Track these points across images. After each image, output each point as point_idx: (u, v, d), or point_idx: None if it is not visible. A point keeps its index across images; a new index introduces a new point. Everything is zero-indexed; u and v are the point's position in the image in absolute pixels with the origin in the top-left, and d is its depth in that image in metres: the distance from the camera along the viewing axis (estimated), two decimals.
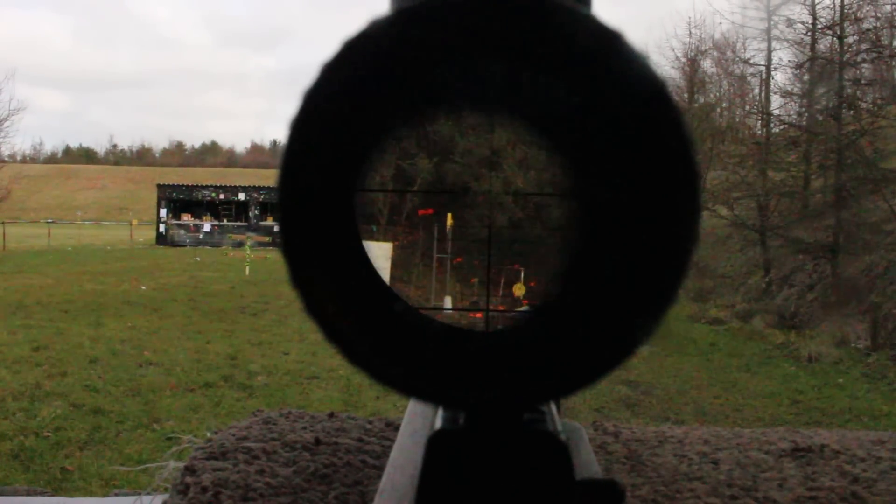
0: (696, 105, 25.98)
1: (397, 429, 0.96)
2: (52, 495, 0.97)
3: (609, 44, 0.30)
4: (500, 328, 0.34)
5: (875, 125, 14.16)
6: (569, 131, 0.31)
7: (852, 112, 15.00)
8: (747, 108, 26.11)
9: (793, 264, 17.62)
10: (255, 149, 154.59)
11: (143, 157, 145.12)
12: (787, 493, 0.76)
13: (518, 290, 14.17)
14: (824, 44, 17.83)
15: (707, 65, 29.85)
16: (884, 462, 0.86)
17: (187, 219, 47.35)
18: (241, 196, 48.42)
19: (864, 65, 16.56)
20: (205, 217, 47.77)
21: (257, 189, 49.64)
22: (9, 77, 65.97)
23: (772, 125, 22.31)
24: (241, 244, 40.42)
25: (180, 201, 47.99)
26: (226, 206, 48.48)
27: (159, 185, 48.62)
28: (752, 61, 24.52)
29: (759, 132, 23.34)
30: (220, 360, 8.90)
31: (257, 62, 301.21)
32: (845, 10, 16.20)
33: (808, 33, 17.79)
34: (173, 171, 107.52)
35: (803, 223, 18.43)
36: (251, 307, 14.23)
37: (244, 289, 17.73)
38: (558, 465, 0.37)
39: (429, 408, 0.58)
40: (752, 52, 24.77)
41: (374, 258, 0.34)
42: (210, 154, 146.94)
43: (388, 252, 16.24)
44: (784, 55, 25.22)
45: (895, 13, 17.02)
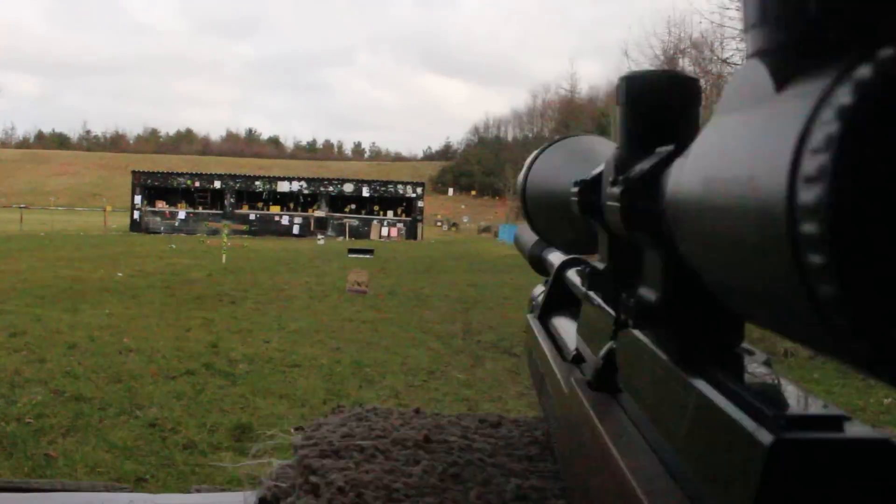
0: None
1: (494, 425, 0.95)
2: (131, 491, 0.94)
3: None
4: None
5: None
6: None
7: None
8: None
9: None
10: (231, 137, 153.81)
11: (116, 143, 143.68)
12: None
13: None
14: None
15: (685, 63, 30.06)
16: None
17: (162, 206, 46.96)
18: (217, 184, 48.12)
19: None
20: (180, 205, 47.41)
21: (233, 177, 49.36)
22: None
23: None
24: (215, 232, 40.20)
25: (155, 188, 47.62)
26: (201, 194, 48.15)
27: (134, 172, 48.17)
28: (730, 61, 24.73)
29: None
30: (201, 348, 8.84)
31: (233, 50, 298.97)
32: None
33: None
34: (148, 157, 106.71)
35: None
36: (229, 295, 14.15)
37: (221, 277, 17.63)
38: None
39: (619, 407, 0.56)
40: (730, 51, 25.00)
41: None
42: (185, 141, 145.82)
43: None
44: None
45: None
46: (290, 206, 48.40)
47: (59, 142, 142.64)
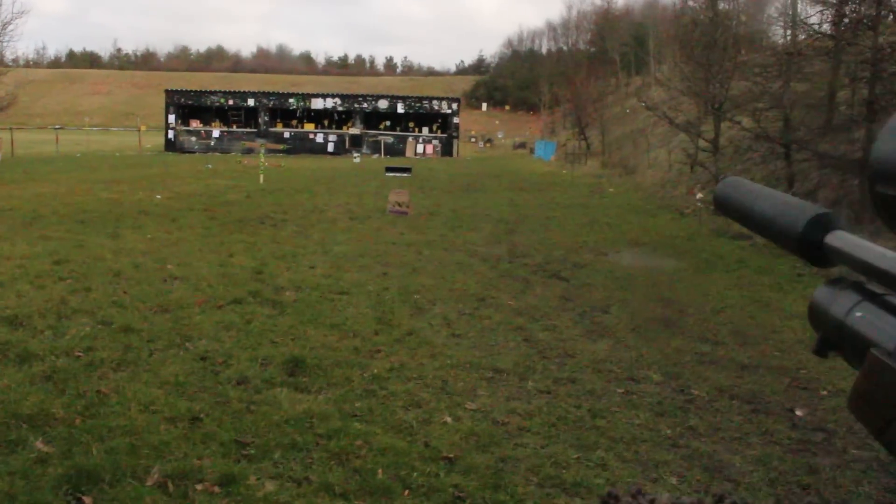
0: (720, 11, 25.14)
1: None
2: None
3: None
4: None
5: None
6: None
7: (891, 18, 14.35)
8: (772, 14, 25.20)
9: (817, 179, 17.22)
10: (261, 53, 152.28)
11: (148, 61, 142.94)
12: None
13: None
14: None
15: None
16: None
17: (196, 125, 46.76)
18: (251, 102, 47.73)
19: None
20: (214, 123, 47.19)
21: (266, 95, 48.92)
22: None
23: (798, 33, 21.57)
24: (250, 151, 39.97)
25: (188, 107, 47.37)
26: (235, 112, 47.83)
27: (167, 91, 47.88)
28: None
29: (785, 40, 22.62)
30: (246, 275, 8.69)
31: None
32: None
33: None
34: (179, 76, 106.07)
35: (828, 137, 17.94)
36: (270, 218, 13.99)
37: (260, 198, 17.48)
38: None
39: None
40: None
41: None
42: (216, 59, 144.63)
43: None
44: None
45: None
46: (325, 123, 47.97)
47: (90, 61, 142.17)
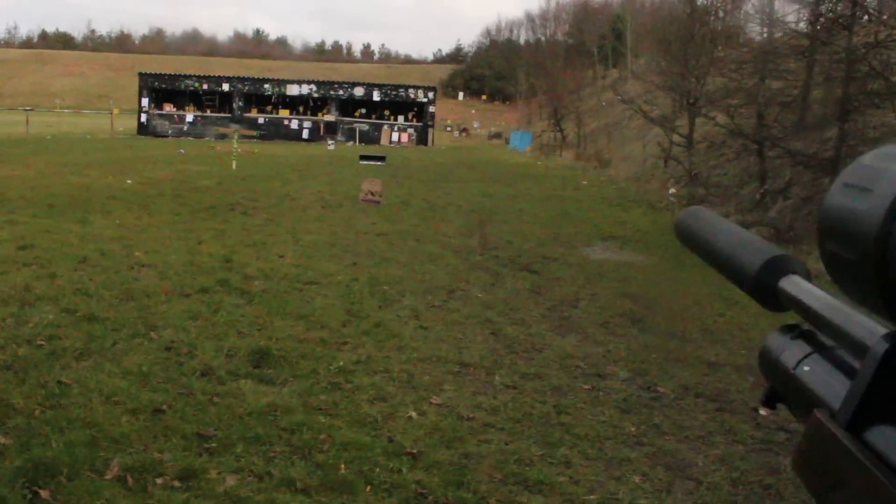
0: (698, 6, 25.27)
1: None
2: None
3: None
4: None
5: (889, 37, 13.66)
6: None
7: (866, 19, 14.47)
8: (749, 11, 25.36)
9: (789, 176, 17.36)
10: (238, 38, 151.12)
11: (122, 43, 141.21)
12: None
13: None
14: None
15: None
16: None
17: (170, 109, 46.29)
18: (225, 87, 47.31)
19: None
20: (188, 108, 46.75)
21: (241, 80, 48.49)
22: None
23: (774, 31, 21.71)
24: (224, 136, 39.63)
25: (162, 91, 46.87)
26: (209, 97, 47.42)
27: (141, 74, 47.33)
28: None
29: (761, 37, 22.77)
30: (215, 263, 8.61)
31: None
32: None
33: None
34: (154, 59, 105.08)
35: (801, 134, 18.09)
36: (241, 205, 13.89)
37: (232, 185, 17.34)
38: None
39: None
40: None
41: None
42: (191, 42, 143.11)
43: None
44: None
45: None
46: (300, 109, 47.67)
47: (63, 42, 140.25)
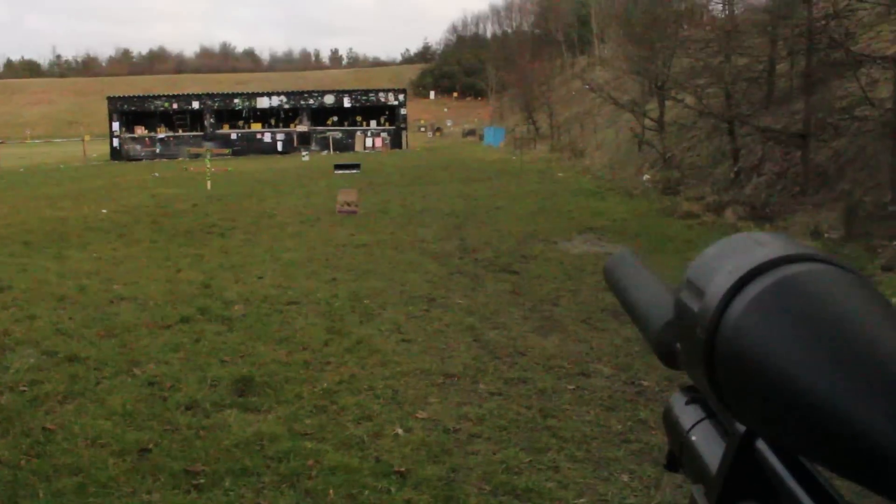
0: None
1: None
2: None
3: None
4: None
5: (847, 7, 13.79)
6: None
7: None
8: None
9: (761, 153, 17.48)
10: (205, 53, 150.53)
11: (89, 66, 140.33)
12: None
13: None
14: None
15: None
16: None
17: (141, 131, 46.05)
18: (195, 104, 47.11)
19: None
20: (159, 128, 46.52)
21: (210, 96, 48.32)
22: None
23: (735, 9, 21.85)
24: (198, 156, 39.45)
25: (132, 113, 46.61)
26: (180, 116, 47.22)
27: (109, 98, 47.04)
28: None
29: (724, 14, 22.91)
30: (194, 290, 8.61)
31: None
32: None
33: None
34: (122, 80, 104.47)
35: (770, 110, 18.22)
36: (218, 226, 13.87)
37: (208, 206, 17.31)
38: None
39: None
40: None
41: None
42: (158, 60, 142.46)
43: None
44: None
45: None
46: (272, 122, 47.55)
47: (30, 69, 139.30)
